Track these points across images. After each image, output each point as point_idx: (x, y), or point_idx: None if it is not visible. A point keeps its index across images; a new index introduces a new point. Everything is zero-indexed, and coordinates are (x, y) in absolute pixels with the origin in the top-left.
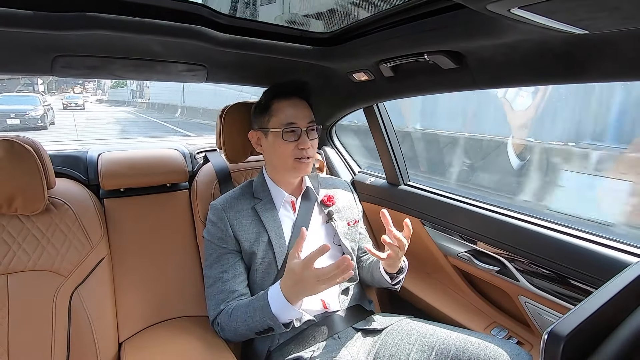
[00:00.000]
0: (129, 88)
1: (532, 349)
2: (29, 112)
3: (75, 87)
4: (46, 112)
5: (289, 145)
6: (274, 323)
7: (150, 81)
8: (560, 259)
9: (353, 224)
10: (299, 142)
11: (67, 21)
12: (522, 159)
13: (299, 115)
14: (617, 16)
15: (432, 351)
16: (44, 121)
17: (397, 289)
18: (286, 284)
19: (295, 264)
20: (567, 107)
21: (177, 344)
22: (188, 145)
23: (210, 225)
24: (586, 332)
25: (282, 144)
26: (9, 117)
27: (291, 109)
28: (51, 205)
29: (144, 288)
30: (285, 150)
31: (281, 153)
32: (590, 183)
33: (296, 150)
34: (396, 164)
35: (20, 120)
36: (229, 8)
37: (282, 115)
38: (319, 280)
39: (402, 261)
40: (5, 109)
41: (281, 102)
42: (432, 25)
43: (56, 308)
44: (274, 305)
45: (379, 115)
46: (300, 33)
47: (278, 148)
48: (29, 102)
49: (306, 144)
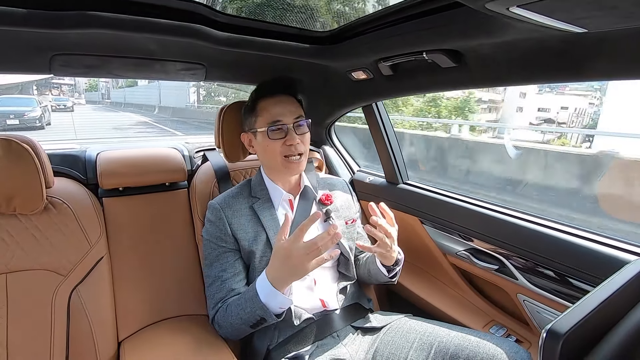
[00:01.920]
0: (99, 91)
1: (531, 347)
2: (27, 113)
3: (53, 89)
4: (43, 113)
5: (276, 143)
6: (264, 313)
7: (149, 80)
8: (558, 257)
9: (351, 222)
10: (286, 139)
11: (65, 20)
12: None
13: (284, 112)
14: (615, 15)
15: (431, 349)
16: (41, 121)
17: (394, 282)
18: (273, 267)
19: (284, 241)
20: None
21: (176, 342)
22: (187, 144)
23: (208, 225)
24: (585, 329)
25: (270, 143)
26: (8, 118)
27: (276, 106)
28: (50, 205)
29: (143, 287)
30: (273, 148)
31: (270, 152)
32: None
33: (284, 147)
34: (395, 162)
35: (20, 121)
36: (228, 6)
37: (267, 114)
38: (309, 253)
39: (398, 253)
40: (5, 110)
41: (266, 101)
42: (431, 23)
43: (55, 307)
44: (262, 293)
45: (377, 114)
46: (299, 31)
47: (266, 147)
48: (27, 103)
49: (294, 140)
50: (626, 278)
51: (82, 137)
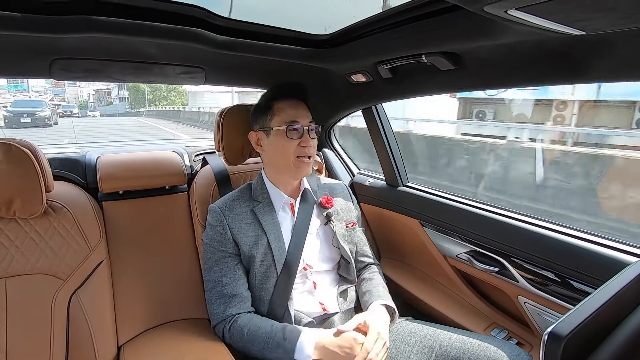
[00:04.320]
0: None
1: (532, 349)
2: (38, 112)
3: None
4: (51, 113)
5: (292, 142)
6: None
7: (149, 84)
8: (559, 259)
9: (351, 226)
10: (302, 140)
11: (65, 24)
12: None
13: (300, 115)
14: (613, 17)
15: (432, 353)
16: (50, 120)
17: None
18: (326, 353)
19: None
20: None
21: (176, 346)
22: (187, 147)
23: (209, 229)
24: (586, 332)
25: (286, 142)
26: (22, 117)
27: (293, 108)
28: (49, 209)
29: (143, 291)
30: (288, 148)
31: (284, 151)
32: None
33: (299, 148)
34: (395, 165)
35: (31, 119)
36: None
37: (284, 114)
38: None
39: (390, 312)
40: (20, 110)
41: (282, 103)
42: (429, 26)
43: (55, 311)
44: (299, 355)
45: (377, 116)
46: (298, 34)
47: (281, 146)
48: (37, 105)
49: (308, 142)
50: (627, 280)
51: (83, 140)
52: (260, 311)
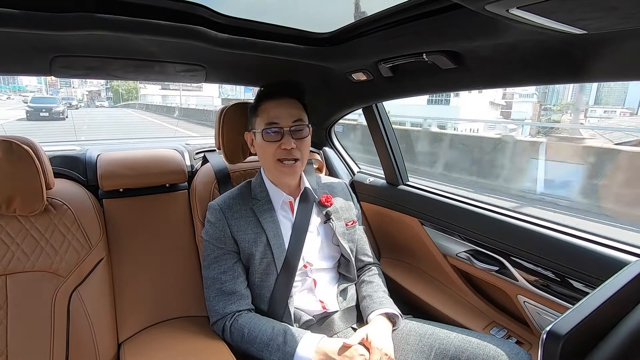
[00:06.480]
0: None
1: (531, 348)
2: (53, 108)
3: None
4: (64, 109)
5: (271, 145)
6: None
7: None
8: (559, 259)
9: (351, 224)
10: (282, 143)
11: (66, 21)
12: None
13: (282, 115)
14: (615, 16)
15: (431, 351)
16: (64, 115)
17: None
18: (327, 357)
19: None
20: None
21: (176, 344)
22: (187, 145)
23: (208, 226)
24: (585, 331)
25: (265, 145)
26: (41, 112)
27: (275, 109)
28: (50, 206)
29: (143, 288)
30: (267, 150)
31: (265, 154)
32: None
33: (279, 150)
34: (395, 164)
35: (49, 114)
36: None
37: (265, 115)
38: None
39: (395, 317)
40: (39, 106)
41: (268, 103)
42: (430, 25)
43: (55, 309)
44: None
45: (378, 115)
46: (299, 33)
47: (261, 149)
48: (53, 101)
49: (289, 144)
50: (626, 279)
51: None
52: (261, 309)
